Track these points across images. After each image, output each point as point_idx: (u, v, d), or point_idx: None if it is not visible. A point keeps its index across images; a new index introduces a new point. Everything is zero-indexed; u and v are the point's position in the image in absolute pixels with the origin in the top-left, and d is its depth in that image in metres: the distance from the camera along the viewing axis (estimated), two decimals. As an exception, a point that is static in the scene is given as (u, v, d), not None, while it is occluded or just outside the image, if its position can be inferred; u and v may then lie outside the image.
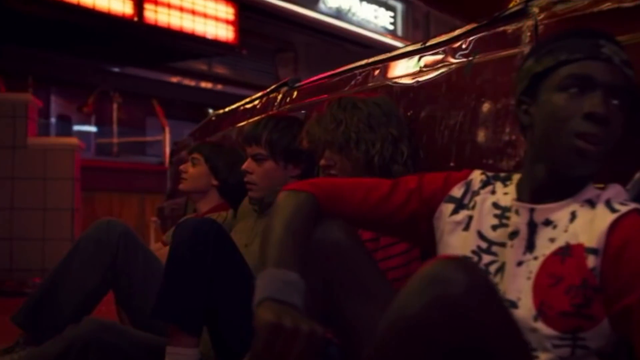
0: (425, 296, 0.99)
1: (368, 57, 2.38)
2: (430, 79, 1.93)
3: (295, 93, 2.76)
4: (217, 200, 2.94)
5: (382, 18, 9.65)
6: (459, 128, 1.76)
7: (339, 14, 9.13)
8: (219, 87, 9.67)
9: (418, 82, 1.97)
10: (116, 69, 8.45)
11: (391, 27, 9.83)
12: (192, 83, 9.35)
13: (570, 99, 1.24)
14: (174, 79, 9.16)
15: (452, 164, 1.77)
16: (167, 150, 7.18)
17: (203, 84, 9.48)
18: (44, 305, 2.23)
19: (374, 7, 9.60)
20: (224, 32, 7.64)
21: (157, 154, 8.83)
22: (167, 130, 7.09)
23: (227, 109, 3.45)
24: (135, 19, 6.81)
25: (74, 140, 5.51)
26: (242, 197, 2.94)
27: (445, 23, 10.66)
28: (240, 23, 8.00)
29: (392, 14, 9.85)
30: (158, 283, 2.32)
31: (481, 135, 1.70)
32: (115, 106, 7.08)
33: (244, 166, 2.36)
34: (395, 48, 2.45)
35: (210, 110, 8.01)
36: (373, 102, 1.90)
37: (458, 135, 1.77)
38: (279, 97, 2.85)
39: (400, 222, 1.42)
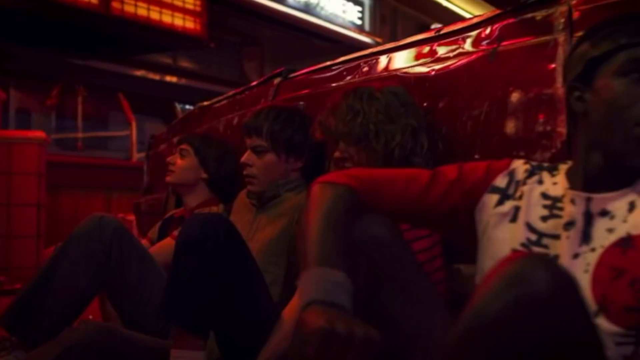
0: (506, 297, 0.91)
1: (336, 53, 2.30)
2: (448, 68, 1.85)
3: (290, 84, 2.67)
4: (206, 195, 2.83)
5: (350, 13, 9.58)
6: (485, 118, 1.69)
7: (307, 7, 9.02)
8: (184, 81, 9.48)
9: (434, 71, 1.89)
10: (78, 62, 8.20)
11: (359, 22, 9.77)
12: (157, 77, 9.15)
13: (631, 85, 1.17)
14: (138, 73, 8.95)
15: (476, 156, 1.70)
16: (134, 145, 7.03)
17: (168, 78, 9.28)
18: (32, 306, 2.10)
19: (342, 1, 9.52)
20: (192, 25, 7.47)
21: (120, 149, 8.64)
22: (133, 124, 6.91)
23: (213, 101, 3.32)
24: (101, 9, 6.61)
25: (40, 134, 5.31)
26: (232, 191, 2.84)
27: (412, 19, 10.66)
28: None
29: (360, 8, 9.78)
30: (153, 283, 2.22)
31: (510, 126, 1.63)
32: (80, 99, 6.87)
33: (244, 158, 2.26)
34: (363, 43, 2.37)
35: (178, 104, 7.86)
36: (390, 91, 1.82)
37: (483, 126, 1.69)
38: (272, 88, 2.74)
39: (441, 214, 1.34)
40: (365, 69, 2.22)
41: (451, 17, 10.95)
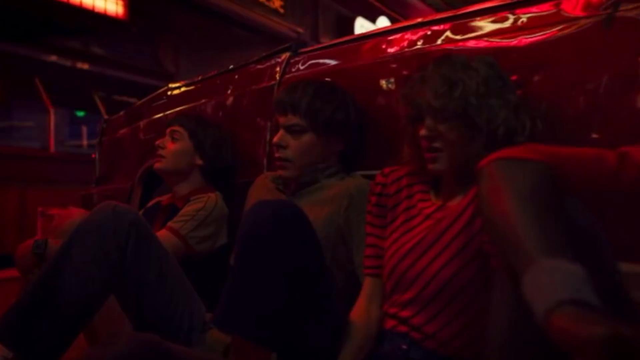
0: None
1: (256, 43, 2.06)
2: (545, 37, 1.63)
3: (303, 60, 2.38)
4: (199, 183, 2.52)
5: (273, 1, 9.28)
6: (605, 93, 1.49)
7: (228, -7, 8.64)
8: (96, 68, 8.88)
9: (524, 41, 1.67)
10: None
11: (282, 11, 9.48)
12: (68, 63, 8.52)
13: None
14: (50, 58, 8.30)
15: (594, 135, 1.49)
16: (52, 134, 6.51)
17: (79, 65, 8.66)
18: (33, 315, 1.74)
19: (266, -11, 9.20)
20: (113, 6, 6.97)
21: (26, 139, 8.04)
22: (52, 112, 6.38)
23: (196, 79, 2.98)
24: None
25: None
26: (228, 180, 2.55)
27: (333, 10, 10.49)
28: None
29: (283, -3, 9.52)
30: (174, 284, 1.91)
31: (646, 101, 1.43)
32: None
33: (277, 139, 1.97)
34: (284, 34, 2.13)
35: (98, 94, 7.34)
36: (484, 61, 1.58)
37: (604, 101, 1.49)
38: (280, 64, 2.45)
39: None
40: (414, 40, 1.97)
41: (370, 11, 10.88)
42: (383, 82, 2.00)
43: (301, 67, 2.37)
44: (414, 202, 1.67)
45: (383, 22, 11.11)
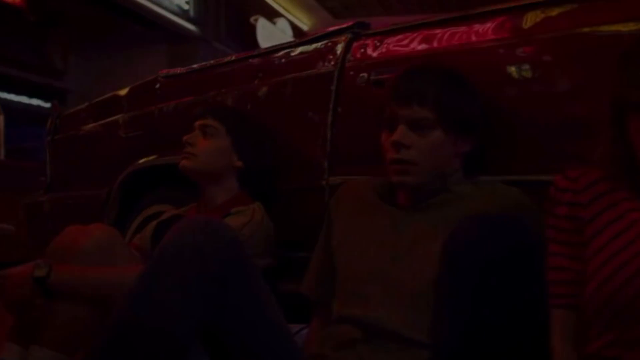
0: None
1: (155, 41, 1.71)
2: None
3: (370, 42, 1.98)
4: (235, 188, 2.06)
5: (178, -4, 8.70)
6: None
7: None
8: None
9: None
10: None
11: (186, 7, 8.89)
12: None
13: None
14: None
15: None
16: None
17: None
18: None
19: (170, -18, 8.58)
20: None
21: None
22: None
23: (206, 64, 2.49)
24: None
25: None
26: (266, 187, 2.11)
27: (235, 11, 10.05)
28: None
29: (188, -7, 8.93)
30: (273, 325, 1.48)
31: None
32: None
33: (398, 137, 1.55)
34: (189, 31, 1.78)
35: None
36: None
37: None
38: (336, 47, 2.04)
39: None
40: (557, 20, 1.64)
41: (271, 12, 10.54)
42: (513, 69, 1.65)
43: (370, 51, 1.98)
44: (620, 212, 1.32)
45: (283, 24, 10.77)
